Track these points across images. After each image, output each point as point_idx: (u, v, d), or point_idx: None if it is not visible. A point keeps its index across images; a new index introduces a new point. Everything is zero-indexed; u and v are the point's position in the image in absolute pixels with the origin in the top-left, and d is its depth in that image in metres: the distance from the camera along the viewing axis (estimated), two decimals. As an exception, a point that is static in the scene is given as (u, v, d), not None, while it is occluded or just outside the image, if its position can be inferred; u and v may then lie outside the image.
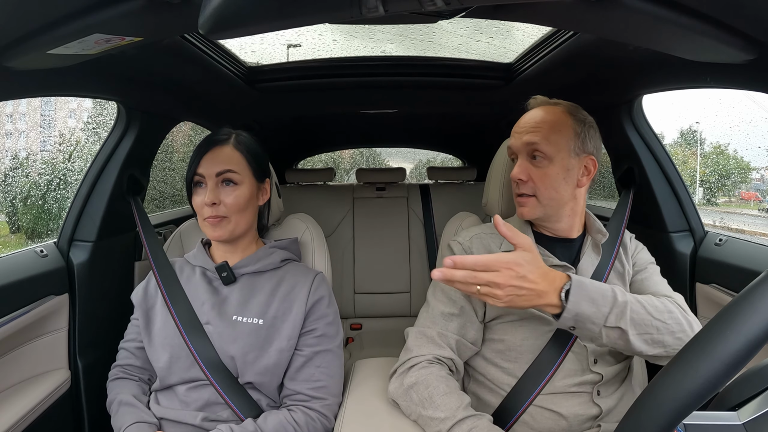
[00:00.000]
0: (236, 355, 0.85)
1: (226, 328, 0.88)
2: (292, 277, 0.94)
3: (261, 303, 0.90)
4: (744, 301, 0.37)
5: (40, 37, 0.61)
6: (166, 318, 0.90)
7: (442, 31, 1.30)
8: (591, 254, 0.89)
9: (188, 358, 0.86)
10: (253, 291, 0.92)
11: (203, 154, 0.91)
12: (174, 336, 0.88)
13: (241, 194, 0.91)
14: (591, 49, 1.00)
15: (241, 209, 0.91)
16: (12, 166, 6.25)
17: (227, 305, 0.91)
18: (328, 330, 0.92)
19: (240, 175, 0.91)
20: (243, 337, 0.86)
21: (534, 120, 0.85)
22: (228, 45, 1.26)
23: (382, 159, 10.39)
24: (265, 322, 0.88)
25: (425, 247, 1.98)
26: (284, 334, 0.88)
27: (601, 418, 0.82)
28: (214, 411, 0.85)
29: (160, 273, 0.96)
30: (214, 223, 0.89)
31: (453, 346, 0.82)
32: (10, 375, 0.99)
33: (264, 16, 0.53)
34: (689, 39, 0.64)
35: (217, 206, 0.89)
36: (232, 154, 0.92)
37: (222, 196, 0.89)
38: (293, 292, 0.92)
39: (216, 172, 0.89)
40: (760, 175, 7.29)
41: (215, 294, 0.92)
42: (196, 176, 0.91)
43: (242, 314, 0.89)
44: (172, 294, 0.93)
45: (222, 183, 0.90)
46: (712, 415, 0.42)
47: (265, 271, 0.95)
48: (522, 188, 0.85)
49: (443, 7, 0.52)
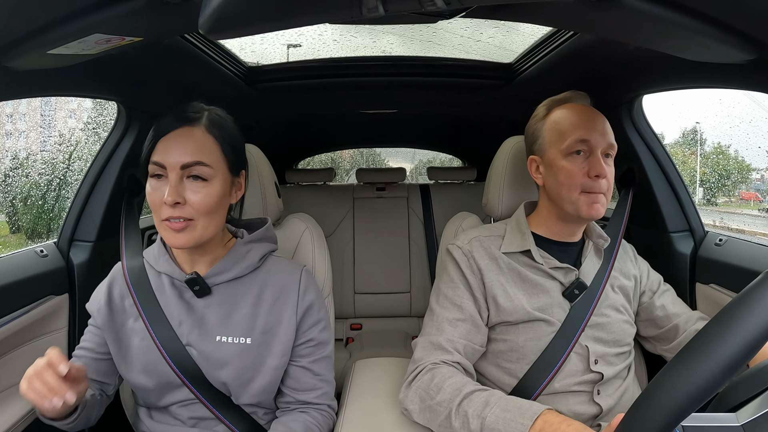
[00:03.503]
0: (228, 381, 0.76)
1: (213, 352, 0.76)
2: (276, 278, 0.81)
3: (245, 317, 0.77)
4: (742, 304, 0.37)
5: (40, 37, 0.61)
6: (143, 341, 0.77)
7: (442, 31, 1.30)
8: (593, 258, 0.89)
9: (174, 382, 0.76)
10: (234, 303, 0.78)
11: (163, 135, 0.70)
12: (157, 363, 0.76)
13: (212, 192, 0.71)
14: (591, 49, 1.00)
15: (210, 211, 0.71)
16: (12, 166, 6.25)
17: (207, 324, 0.77)
18: (322, 336, 0.83)
19: (212, 170, 0.71)
20: (232, 360, 0.75)
21: (601, 118, 0.84)
22: (228, 45, 1.26)
23: (382, 159, 10.40)
24: (253, 340, 0.76)
25: (425, 248, 1.98)
26: (277, 350, 0.77)
27: (601, 417, 0.82)
28: (208, 426, 0.79)
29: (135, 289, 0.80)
30: (177, 228, 0.69)
31: (461, 350, 0.81)
32: (10, 375, 0.98)
33: (264, 16, 0.53)
34: (689, 39, 0.64)
35: (181, 206, 0.69)
36: (204, 140, 0.72)
37: (187, 193, 0.70)
38: (280, 300, 0.79)
39: (182, 164, 0.69)
40: (760, 176, 7.29)
41: (191, 311, 0.78)
42: (153, 165, 0.70)
43: (226, 333, 0.76)
44: (151, 314, 0.77)
45: (188, 177, 0.71)
46: (711, 417, 0.42)
47: (244, 275, 0.79)
48: (602, 185, 0.81)
49: (443, 7, 0.52)
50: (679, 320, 0.90)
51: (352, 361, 1.18)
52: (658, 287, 0.95)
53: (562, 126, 0.84)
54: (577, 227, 0.88)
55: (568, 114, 0.85)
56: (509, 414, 0.64)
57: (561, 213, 0.86)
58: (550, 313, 0.83)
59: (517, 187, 1.01)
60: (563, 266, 0.85)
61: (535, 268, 0.86)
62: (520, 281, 0.85)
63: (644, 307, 0.94)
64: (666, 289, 0.96)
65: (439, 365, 0.77)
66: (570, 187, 0.82)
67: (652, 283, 0.95)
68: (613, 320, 0.86)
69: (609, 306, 0.86)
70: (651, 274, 0.97)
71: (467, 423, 0.66)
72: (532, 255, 0.86)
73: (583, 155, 0.82)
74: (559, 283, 0.86)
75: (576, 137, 0.81)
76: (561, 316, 0.83)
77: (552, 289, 0.85)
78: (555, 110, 0.87)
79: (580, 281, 0.85)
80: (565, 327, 0.82)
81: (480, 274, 0.85)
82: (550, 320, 0.82)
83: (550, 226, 0.89)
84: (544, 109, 0.89)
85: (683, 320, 0.90)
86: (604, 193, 0.82)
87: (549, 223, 0.89)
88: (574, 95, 0.88)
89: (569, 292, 0.84)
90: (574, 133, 0.82)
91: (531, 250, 0.86)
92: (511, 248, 0.87)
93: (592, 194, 0.81)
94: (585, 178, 0.81)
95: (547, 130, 0.86)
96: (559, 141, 0.84)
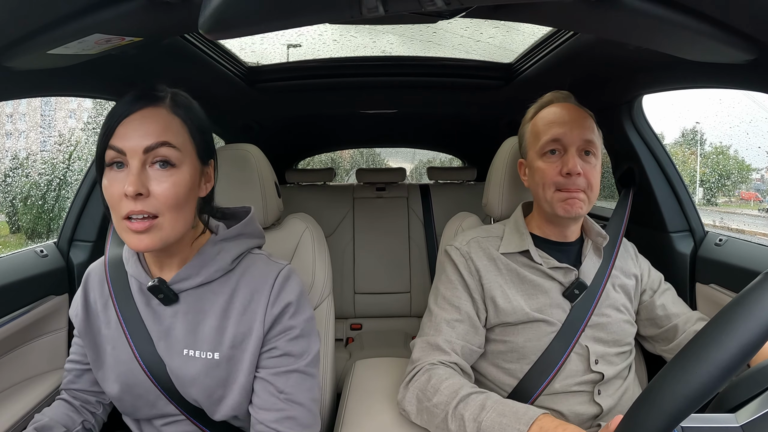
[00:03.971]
0: (199, 399, 0.69)
1: (180, 368, 0.69)
2: (248, 283, 0.71)
3: (212, 330, 0.69)
4: (740, 305, 0.37)
5: (40, 37, 0.61)
6: (120, 348, 0.71)
7: (442, 31, 1.30)
8: (593, 257, 0.89)
9: (151, 395, 0.70)
10: (202, 313, 0.70)
11: (124, 117, 0.61)
12: (133, 373, 0.70)
13: (180, 182, 0.62)
14: (591, 49, 1.00)
15: (178, 205, 0.62)
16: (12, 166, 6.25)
17: (174, 335, 0.70)
18: (291, 348, 0.69)
19: (180, 153, 0.63)
20: (201, 378, 0.68)
21: (579, 115, 0.84)
22: (228, 45, 1.26)
23: (381, 159, 10.40)
24: (221, 355, 0.68)
25: (425, 247, 1.98)
26: (245, 366, 0.68)
27: (602, 417, 0.82)
28: None
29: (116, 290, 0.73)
30: (140, 228, 0.60)
31: (459, 351, 0.81)
32: (10, 375, 0.99)
33: (264, 16, 0.53)
34: (689, 39, 0.64)
35: (143, 199, 0.60)
36: (170, 120, 0.63)
37: (152, 184, 0.61)
38: (251, 307, 0.69)
39: (145, 147, 0.60)
40: (760, 176, 7.29)
41: (158, 320, 0.70)
42: (111, 151, 0.61)
43: (193, 347, 0.69)
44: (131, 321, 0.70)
45: (153, 164, 0.62)
46: (711, 417, 0.42)
47: (213, 280, 0.70)
48: (577, 182, 0.80)
49: (443, 7, 0.52)
50: (679, 320, 0.91)
51: (352, 361, 1.18)
52: (659, 286, 0.95)
53: (537, 127, 0.86)
54: (565, 228, 0.88)
55: (544, 115, 0.87)
56: (505, 419, 0.64)
57: (545, 214, 0.87)
58: (549, 314, 0.83)
59: (517, 187, 1.01)
60: (562, 266, 0.85)
61: (534, 269, 0.86)
62: (518, 282, 0.85)
63: (644, 306, 0.94)
64: (666, 288, 0.96)
65: (437, 366, 0.77)
66: (544, 186, 0.83)
67: (653, 282, 0.95)
68: (614, 320, 0.86)
69: (609, 306, 0.86)
70: (652, 272, 0.97)
71: (463, 426, 0.67)
72: (530, 255, 0.86)
73: (557, 154, 0.83)
74: (558, 283, 0.85)
75: (548, 137, 0.83)
76: (561, 316, 0.83)
77: (551, 290, 0.85)
78: (538, 113, 0.88)
79: (580, 281, 0.85)
80: (565, 327, 0.82)
81: (478, 275, 0.85)
82: (550, 320, 0.82)
83: (542, 227, 0.90)
84: (530, 112, 0.91)
85: (683, 320, 0.90)
86: (582, 191, 0.81)
87: (540, 225, 0.90)
88: (555, 96, 0.89)
89: (569, 292, 0.84)
90: (546, 133, 0.83)
91: (529, 250, 0.86)
92: (509, 249, 0.87)
93: (565, 192, 0.81)
94: (558, 176, 0.82)
95: (528, 132, 0.89)
96: (535, 142, 0.86)
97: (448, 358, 0.79)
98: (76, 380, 0.78)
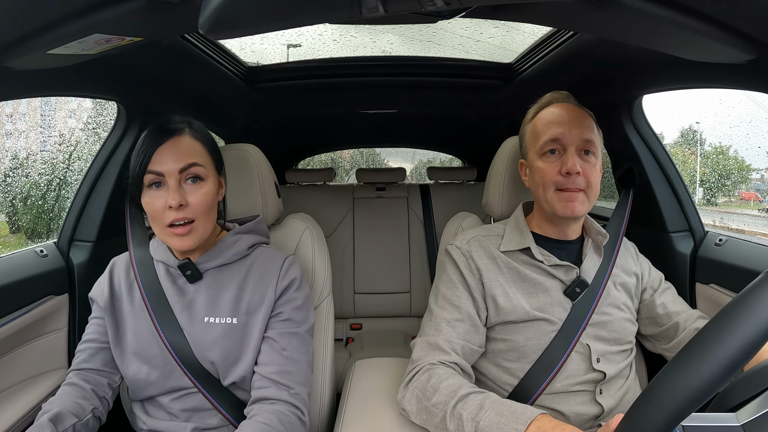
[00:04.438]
0: (216, 361, 0.80)
1: (201, 333, 0.81)
2: (261, 263, 0.86)
3: (231, 299, 0.82)
4: (741, 304, 0.37)
5: (40, 37, 0.61)
6: (141, 324, 0.82)
7: (442, 31, 1.30)
8: (593, 255, 0.89)
9: (166, 367, 0.80)
10: (222, 287, 0.84)
11: (156, 147, 0.76)
12: (151, 346, 0.80)
13: (208, 191, 0.79)
14: (591, 49, 1.00)
15: (208, 209, 0.79)
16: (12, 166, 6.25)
17: (196, 306, 0.83)
18: (294, 315, 0.84)
19: (205, 169, 0.79)
20: (219, 341, 0.80)
21: (578, 115, 0.84)
22: (228, 45, 1.26)
23: (381, 159, 10.39)
24: (239, 320, 0.81)
25: (425, 248, 1.98)
26: (257, 328, 0.81)
27: (603, 417, 0.82)
28: (202, 419, 0.81)
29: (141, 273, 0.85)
30: (182, 232, 0.76)
31: (459, 351, 0.81)
32: (10, 375, 0.99)
33: (264, 16, 0.53)
34: (689, 39, 0.64)
35: (183, 208, 0.76)
36: (193, 144, 0.79)
37: (187, 196, 0.77)
38: (263, 281, 0.84)
39: (179, 168, 0.76)
40: (760, 176, 7.29)
41: (182, 295, 0.83)
42: (151, 175, 0.76)
43: (214, 314, 0.81)
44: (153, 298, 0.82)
45: (186, 180, 0.78)
46: (711, 417, 0.42)
47: (232, 262, 0.86)
48: (576, 182, 0.81)
49: (443, 7, 0.52)
50: (679, 318, 0.91)
51: (352, 361, 1.18)
52: (659, 285, 0.95)
53: (536, 128, 0.87)
54: (565, 227, 0.88)
55: (543, 115, 0.87)
56: (503, 418, 0.64)
57: (545, 213, 0.88)
58: (550, 313, 0.83)
59: (517, 187, 1.01)
60: (563, 264, 0.85)
61: (535, 267, 0.86)
62: (519, 281, 0.85)
63: (645, 305, 0.94)
64: (667, 287, 0.96)
65: (437, 366, 0.77)
66: (544, 186, 0.84)
67: (653, 281, 0.95)
68: (615, 318, 0.86)
69: (610, 304, 0.86)
70: (652, 271, 0.97)
71: (461, 426, 0.67)
72: (531, 253, 0.86)
73: (557, 154, 0.83)
74: (559, 281, 0.85)
75: (548, 137, 0.83)
76: (562, 315, 0.83)
77: (552, 288, 0.85)
78: (538, 113, 0.89)
79: (581, 279, 0.85)
80: (566, 326, 0.82)
81: (479, 274, 0.85)
82: (551, 319, 0.82)
83: (542, 226, 0.90)
84: (530, 113, 0.91)
85: (683, 319, 0.91)
86: (582, 191, 0.82)
87: (541, 224, 0.90)
88: (555, 97, 0.89)
89: (570, 290, 0.84)
90: (546, 133, 0.84)
91: (530, 247, 0.86)
92: (510, 246, 0.87)
93: (566, 192, 0.82)
94: (558, 176, 0.82)
95: (528, 133, 0.90)
96: (534, 142, 0.87)
97: (448, 358, 0.79)
98: (90, 359, 0.84)
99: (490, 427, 0.64)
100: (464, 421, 0.66)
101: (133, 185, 0.78)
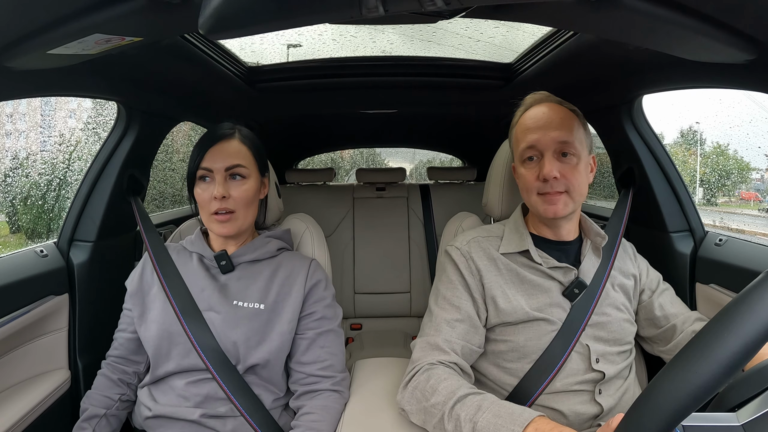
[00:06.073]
0: (239, 341, 0.86)
1: (228, 314, 0.88)
2: (288, 263, 0.96)
3: (261, 289, 0.91)
4: (741, 304, 0.37)
5: (40, 37, 0.61)
6: (164, 304, 0.90)
7: (442, 31, 1.30)
8: (592, 257, 0.89)
9: (186, 344, 0.87)
10: (252, 278, 0.93)
11: (208, 148, 0.90)
12: (171, 322, 0.88)
13: (249, 188, 0.92)
14: (591, 49, 1.00)
15: (248, 203, 0.92)
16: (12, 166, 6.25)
17: (227, 291, 0.92)
18: (327, 312, 0.94)
19: (248, 169, 0.92)
20: (245, 322, 0.88)
21: (557, 116, 0.84)
22: (228, 45, 1.26)
23: (381, 159, 10.39)
24: (266, 306, 0.89)
25: (425, 248, 1.98)
26: (285, 317, 0.89)
27: (602, 417, 0.82)
28: (213, 407, 0.85)
29: (158, 261, 0.96)
30: (224, 219, 0.89)
31: (458, 351, 0.81)
32: (10, 375, 0.99)
33: (264, 16, 0.53)
34: (689, 39, 0.64)
35: (226, 199, 0.89)
36: (240, 147, 0.92)
37: (231, 190, 0.90)
38: (291, 277, 0.93)
39: (225, 167, 0.89)
40: (760, 176, 7.29)
41: (214, 280, 0.93)
42: (202, 171, 0.90)
43: (243, 299, 0.90)
44: (170, 280, 0.93)
45: (230, 177, 0.90)
46: (711, 417, 0.42)
47: (262, 259, 0.96)
48: (555, 186, 0.82)
49: (443, 7, 0.52)
50: (677, 320, 0.91)
51: (352, 361, 1.17)
52: (657, 286, 0.95)
53: (517, 134, 0.88)
54: (558, 228, 0.89)
55: (522, 121, 0.88)
56: (500, 420, 0.64)
57: (537, 216, 0.89)
58: (549, 313, 0.83)
59: (516, 187, 1.01)
60: (562, 266, 0.86)
61: (534, 269, 0.86)
62: (518, 282, 0.85)
63: (643, 306, 0.94)
64: (665, 288, 0.96)
65: (436, 366, 0.77)
66: (528, 192, 0.85)
67: (651, 282, 0.95)
68: (614, 319, 0.86)
69: (609, 305, 0.86)
70: (650, 272, 0.97)
71: (459, 427, 0.67)
72: (530, 255, 0.86)
73: (535, 160, 0.84)
74: (558, 282, 0.86)
75: (525, 144, 0.85)
76: (561, 315, 0.83)
77: (551, 289, 0.85)
78: (520, 118, 0.89)
79: (579, 280, 0.85)
80: (566, 326, 0.82)
81: (479, 275, 0.85)
82: (551, 319, 0.83)
83: (538, 227, 0.90)
84: (515, 117, 0.91)
85: (681, 320, 0.91)
86: (565, 192, 0.82)
87: (537, 225, 0.91)
88: (535, 99, 0.89)
89: (569, 291, 0.84)
90: (523, 141, 0.85)
91: (529, 250, 0.86)
92: (509, 249, 0.87)
93: (547, 195, 0.83)
94: (537, 181, 0.83)
95: (513, 139, 0.91)
96: (516, 149, 0.88)
97: (447, 358, 0.79)
98: (119, 347, 0.96)
99: (487, 429, 0.64)
100: (462, 422, 0.66)
101: (189, 178, 0.92)
